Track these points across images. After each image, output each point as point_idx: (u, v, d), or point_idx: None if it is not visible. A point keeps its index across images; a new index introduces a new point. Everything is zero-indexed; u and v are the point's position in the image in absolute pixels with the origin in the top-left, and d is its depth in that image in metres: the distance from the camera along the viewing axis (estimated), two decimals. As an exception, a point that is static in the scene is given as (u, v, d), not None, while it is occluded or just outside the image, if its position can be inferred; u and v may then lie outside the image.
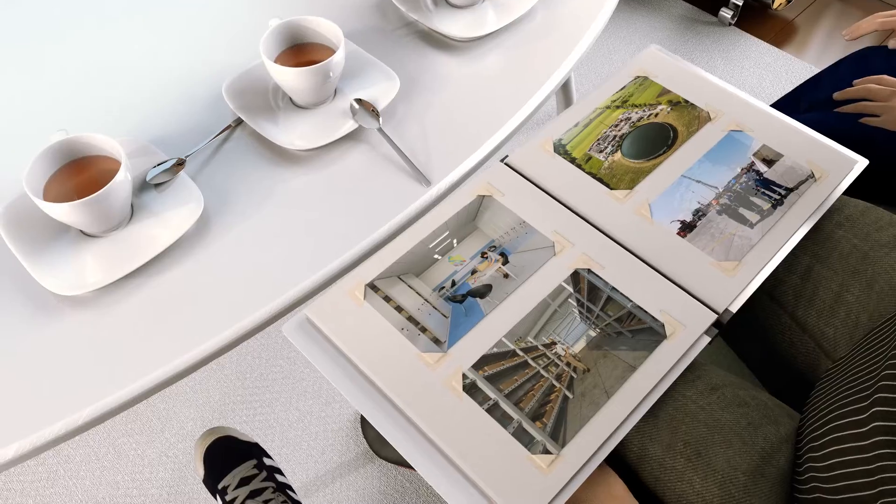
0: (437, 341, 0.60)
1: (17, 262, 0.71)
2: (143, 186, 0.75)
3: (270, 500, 0.94)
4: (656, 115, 0.75)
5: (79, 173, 0.72)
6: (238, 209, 0.76)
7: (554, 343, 0.59)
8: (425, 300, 0.62)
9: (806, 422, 0.60)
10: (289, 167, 0.79)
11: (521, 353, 0.59)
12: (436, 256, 0.65)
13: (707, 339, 0.60)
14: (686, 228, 0.66)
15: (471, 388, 0.57)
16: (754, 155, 0.72)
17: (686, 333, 0.59)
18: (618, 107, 0.76)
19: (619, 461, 0.60)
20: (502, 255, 0.65)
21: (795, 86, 1.13)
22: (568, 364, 0.58)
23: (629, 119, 0.75)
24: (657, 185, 0.70)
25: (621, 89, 0.78)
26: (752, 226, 0.66)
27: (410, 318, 0.61)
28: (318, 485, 1.19)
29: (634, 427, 0.58)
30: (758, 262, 0.64)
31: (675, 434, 0.58)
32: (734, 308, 0.61)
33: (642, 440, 0.59)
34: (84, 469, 1.21)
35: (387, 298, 0.62)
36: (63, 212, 0.66)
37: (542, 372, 0.58)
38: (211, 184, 0.78)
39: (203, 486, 1.18)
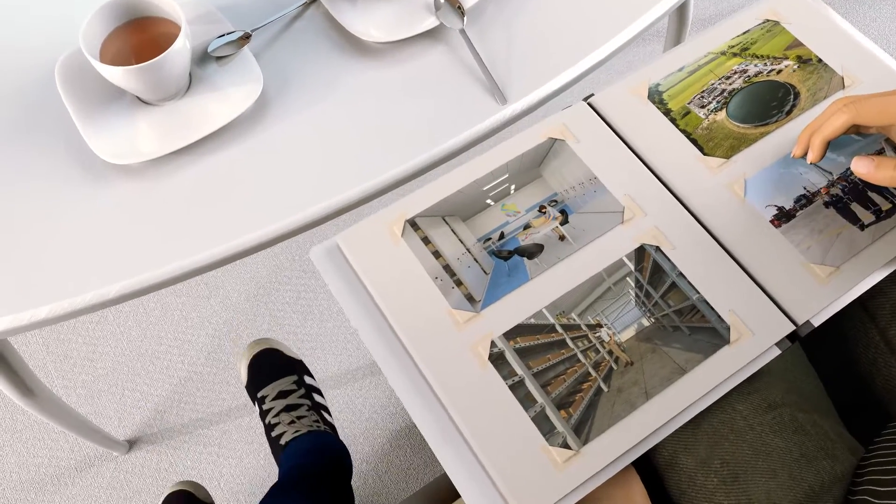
0: (471, 299, 0.54)
1: (69, 123, 0.69)
2: (204, 57, 0.72)
3: (304, 416, 0.95)
4: (779, 71, 0.64)
5: (138, 34, 0.69)
6: (299, 96, 0.72)
7: (599, 325, 0.53)
8: (467, 250, 0.56)
9: (870, 461, 0.52)
10: (358, 59, 0.74)
11: (560, 329, 0.53)
12: (488, 202, 0.58)
13: (776, 353, 0.52)
14: (782, 217, 0.57)
15: (497, 359, 0.52)
16: (886, 141, 0.60)
17: (753, 342, 0.52)
18: (735, 54, 0.65)
19: (645, 462, 0.55)
20: (562, 212, 0.57)
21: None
22: (610, 352, 0.52)
23: (745, 72, 0.64)
24: (760, 158, 0.59)
25: (744, 33, 0.66)
26: (862, 227, 0.56)
27: (447, 268, 0.55)
28: (349, 378, 1.19)
29: (670, 431, 0.52)
30: (858, 273, 0.54)
31: (713, 449, 0.52)
32: (817, 322, 0.53)
33: (675, 447, 0.53)
34: (132, 319, 1.24)
35: (426, 240, 0.56)
36: (118, 76, 0.64)
37: (580, 356, 0.52)
38: (274, 63, 0.73)
39: (240, 385, 1.20)
